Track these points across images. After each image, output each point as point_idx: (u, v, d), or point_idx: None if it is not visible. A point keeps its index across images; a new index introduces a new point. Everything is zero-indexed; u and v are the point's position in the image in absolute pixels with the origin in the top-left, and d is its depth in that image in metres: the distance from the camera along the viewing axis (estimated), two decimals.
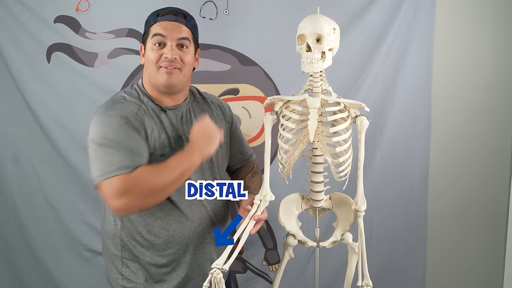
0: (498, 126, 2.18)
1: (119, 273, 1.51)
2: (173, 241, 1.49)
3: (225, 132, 1.62)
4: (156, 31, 1.43)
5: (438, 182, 2.21)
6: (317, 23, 1.38)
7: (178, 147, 1.46)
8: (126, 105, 1.42)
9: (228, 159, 1.67)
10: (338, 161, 1.44)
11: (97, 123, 1.37)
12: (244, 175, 1.67)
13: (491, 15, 2.09)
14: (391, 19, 2.04)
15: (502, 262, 2.26)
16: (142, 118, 1.42)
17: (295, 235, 1.56)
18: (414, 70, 2.10)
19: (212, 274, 1.27)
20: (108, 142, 1.33)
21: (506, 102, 2.16)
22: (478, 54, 2.12)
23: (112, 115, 1.37)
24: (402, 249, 2.24)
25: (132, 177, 1.30)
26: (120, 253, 1.50)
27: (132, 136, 1.37)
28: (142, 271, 1.50)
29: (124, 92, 1.48)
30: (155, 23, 1.44)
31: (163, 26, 1.43)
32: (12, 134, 2.15)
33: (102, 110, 1.40)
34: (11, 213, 2.21)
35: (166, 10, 1.46)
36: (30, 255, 2.23)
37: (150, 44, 1.44)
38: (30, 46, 2.05)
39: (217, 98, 1.70)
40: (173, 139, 1.47)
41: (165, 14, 1.45)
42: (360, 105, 1.44)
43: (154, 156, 1.42)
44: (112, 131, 1.34)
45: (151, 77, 1.45)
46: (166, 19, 1.44)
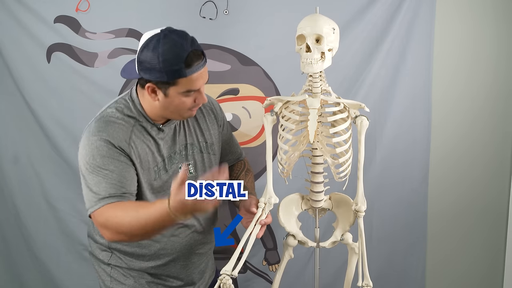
0: (498, 126, 2.18)
1: (108, 275, 1.52)
2: (163, 253, 1.50)
3: (217, 135, 1.60)
4: (190, 87, 1.31)
5: (438, 183, 2.21)
6: (317, 23, 1.38)
7: (173, 166, 1.46)
8: (119, 127, 1.37)
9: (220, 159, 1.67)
10: (338, 162, 1.44)
11: (86, 145, 1.35)
12: (237, 174, 1.66)
13: (491, 15, 2.09)
14: (391, 19, 2.03)
15: (502, 262, 2.26)
16: (135, 142, 1.38)
17: (295, 235, 1.56)
18: (414, 70, 2.09)
19: (221, 281, 1.25)
20: (96, 168, 1.32)
21: (506, 102, 2.15)
22: (478, 54, 2.12)
23: (102, 139, 1.33)
24: (402, 249, 2.24)
25: (107, 210, 1.29)
26: (108, 259, 1.51)
27: (119, 163, 1.34)
28: (132, 272, 1.51)
29: (116, 109, 1.40)
30: (185, 76, 1.29)
31: (194, 79, 1.31)
32: (12, 134, 2.15)
33: (93, 131, 1.36)
34: (11, 213, 2.21)
35: (194, 56, 1.29)
36: (30, 255, 2.23)
37: (177, 94, 1.32)
38: (30, 46, 2.05)
39: (209, 99, 1.60)
40: (168, 159, 1.46)
41: (193, 62, 1.29)
42: (360, 105, 1.44)
43: (148, 180, 1.41)
44: (100, 156, 1.32)
45: (172, 115, 1.40)
46: (196, 69, 1.30)
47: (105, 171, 1.32)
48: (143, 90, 1.37)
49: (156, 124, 1.43)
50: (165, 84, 1.30)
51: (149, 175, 1.42)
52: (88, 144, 1.34)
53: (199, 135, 1.54)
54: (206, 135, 1.56)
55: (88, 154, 1.34)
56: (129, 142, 1.37)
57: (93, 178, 1.32)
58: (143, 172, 1.40)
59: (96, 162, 1.32)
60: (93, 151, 1.33)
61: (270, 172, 1.47)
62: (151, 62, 1.27)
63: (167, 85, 1.31)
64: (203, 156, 1.54)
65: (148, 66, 1.28)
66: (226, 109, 2.08)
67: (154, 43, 1.28)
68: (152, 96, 1.35)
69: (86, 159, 1.34)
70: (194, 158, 1.52)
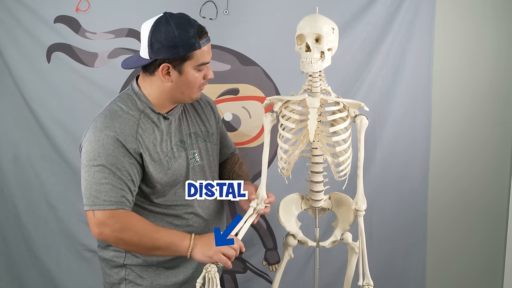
0: (498, 126, 2.18)
1: (123, 278, 1.50)
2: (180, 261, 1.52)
3: (215, 127, 1.64)
4: (203, 59, 1.39)
5: (438, 183, 2.21)
6: (316, 23, 1.38)
7: (182, 153, 1.47)
8: (125, 121, 1.38)
9: None
10: (337, 161, 1.44)
11: (93, 141, 1.35)
12: (231, 167, 1.68)
13: (491, 14, 2.09)
14: (391, 19, 2.03)
15: (502, 262, 2.26)
16: (142, 136, 1.40)
17: (295, 235, 1.56)
18: (414, 70, 2.09)
19: (206, 270, 1.27)
20: (100, 166, 1.32)
21: (506, 102, 2.16)
22: (478, 54, 2.12)
23: (109, 136, 1.34)
24: (402, 249, 2.24)
25: (114, 215, 1.32)
26: (123, 260, 1.49)
27: (124, 162, 1.35)
28: (148, 272, 1.50)
29: (121, 103, 1.43)
30: (199, 48, 1.37)
31: (205, 51, 1.40)
32: (12, 134, 2.15)
33: (100, 127, 1.36)
34: (11, 213, 2.21)
35: (202, 31, 1.39)
36: (30, 255, 2.23)
37: (191, 69, 1.39)
38: (30, 46, 2.05)
39: (203, 94, 1.66)
40: (176, 146, 1.47)
41: (202, 34, 1.39)
42: (359, 105, 1.44)
43: (159, 172, 1.42)
44: (105, 154, 1.33)
45: (183, 95, 1.44)
46: (206, 41, 1.39)
47: (107, 170, 1.32)
48: (151, 76, 1.41)
49: (161, 113, 1.46)
50: (181, 60, 1.36)
51: (161, 166, 1.42)
52: (95, 140, 1.34)
53: (200, 125, 1.59)
54: (207, 125, 1.60)
55: (94, 151, 1.34)
56: (136, 137, 1.38)
57: (94, 176, 1.32)
58: (154, 164, 1.41)
59: (100, 160, 1.33)
60: (99, 148, 1.33)
61: (265, 172, 1.48)
62: (167, 38, 1.33)
63: (183, 61, 1.36)
64: (206, 145, 1.57)
65: (165, 44, 1.33)
66: (226, 109, 2.10)
67: (164, 22, 1.35)
68: (166, 78, 1.39)
69: (90, 155, 1.34)
70: (199, 147, 1.55)
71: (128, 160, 1.36)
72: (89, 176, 1.34)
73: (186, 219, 1.50)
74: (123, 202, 1.35)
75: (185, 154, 1.49)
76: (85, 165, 1.35)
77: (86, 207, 1.34)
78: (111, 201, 1.32)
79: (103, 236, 1.35)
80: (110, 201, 1.32)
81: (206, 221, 1.54)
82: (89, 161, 1.34)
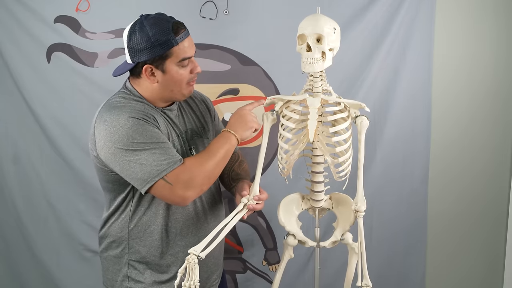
0: (498, 126, 2.18)
1: (125, 275, 1.49)
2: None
3: (211, 124, 1.64)
4: (184, 55, 1.38)
5: (438, 183, 2.21)
6: (318, 23, 1.38)
7: (179, 149, 1.47)
8: (131, 106, 1.38)
9: None
10: (338, 161, 1.44)
11: (116, 130, 1.32)
12: (231, 165, 1.67)
13: (491, 14, 2.09)
14: (391, 19, 2.04)
15: (502, 263, 2.26)
16: (154, 115, 1.41)
17: (295, 235, 1.55)
18: (414, 70, 2.10)
19: (187, 260, 1.26)
20: (140, 145, 1.31)
21: (506, 102, 2.16)
22: (478, 54, 2.12)
23: (129, 118, 1.33)
24: (402, 250, 2.24)
25: (186, 167, 1.34)
26: (126, 257, 1.49)
27: (154, 131, 1.35)
28: (149, 271, 1.49)
29: (117, 98, 1.43)
30: (176, 44, 1.36)
31: (185, 46, 1.38)
32: (12, 134, 2.15)
33: (112, 117, 1.34)
34: (11, 213, 2.21)
35: (178, 27, 1.38)
36: (30, 255, 2.23)
37: (174, 66, 1.38)
38: (30, 46, 2.05)
39: (198, 92, 1.68)
40: (173, 142, 1.46)
41: (179, 29, 1.37)
42: (360, 105, 1.44)
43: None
44: (138, 133, 1.32)
45: (173, 93, 1.43)
46: (184, 36, 1.38)
47: (149, 144, 1.32)
48: (138, 79, 1.43)
49: (158, 108, 1.46)
50: (161, 59, 1.36)
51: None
52: (117, 126, 1.32)
53: (196, 121, 1.59)
54: (202, 121, 1.61)
55: (124, 136, 1.31)
56: (149, 116, 1.38)
57: (142, 155, 1.31)
58: None
59: (137, 140, 1.31)
60: (127, 131, 1.31)
61: (259, 170, 1.47)
62: (142, 40, 1.34)
63: (163, 60, 1.36)
64: (203, 141, 1.58)
65: (142, 47, 1.35)
66: (226, 109, 2.10)
67: (139, 25, 1.36)
68: (151, 79, 1.40)
69: (123, 142, 1.31)
70: (195, 143, 1.55)
71: (156, 129, 1.36)
72: (138, 159, 1.31)
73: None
74: (178, 155, 1.36)
75: (182, 150, 1.49)
76: (124, 155, 1.31)
77: (155, 179, 1.31)
78: (172, 161, 1.32)
79: (192, 184, 1.34)
80: (171, 160, 1.32)
81: (202, 202, 1.54)
82: (127, 149, 1.31)
